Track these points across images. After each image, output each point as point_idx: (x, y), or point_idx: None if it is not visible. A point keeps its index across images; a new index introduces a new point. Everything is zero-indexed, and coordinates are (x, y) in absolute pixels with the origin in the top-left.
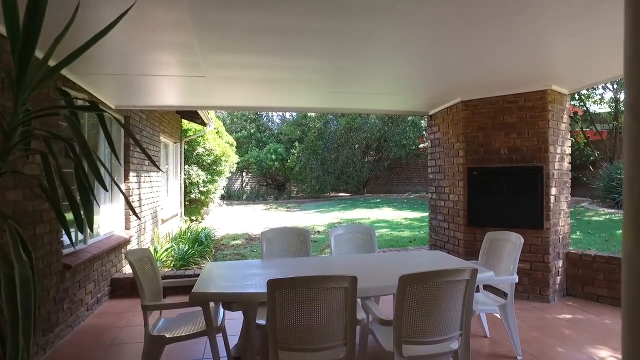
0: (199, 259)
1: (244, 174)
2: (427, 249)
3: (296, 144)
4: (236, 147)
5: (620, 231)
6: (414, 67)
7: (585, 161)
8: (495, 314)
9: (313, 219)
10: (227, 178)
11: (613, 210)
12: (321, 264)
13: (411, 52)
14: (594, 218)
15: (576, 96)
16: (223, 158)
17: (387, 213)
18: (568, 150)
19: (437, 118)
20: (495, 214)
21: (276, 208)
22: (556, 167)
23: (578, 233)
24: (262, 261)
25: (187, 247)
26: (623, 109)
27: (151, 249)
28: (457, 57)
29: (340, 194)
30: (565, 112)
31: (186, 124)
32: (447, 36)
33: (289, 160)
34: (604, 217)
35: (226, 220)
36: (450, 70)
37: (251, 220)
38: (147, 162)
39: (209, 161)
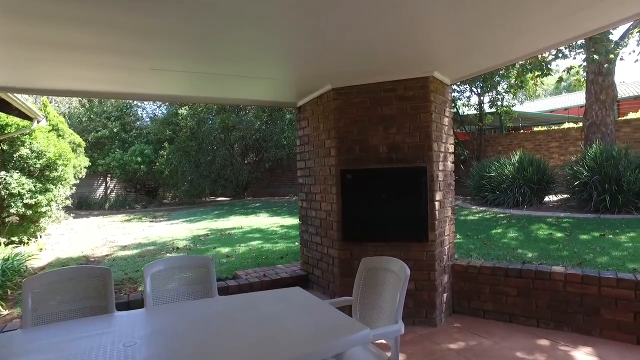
0: None
1: (108, 179)
2: (299, 269)
3: (166, 144)
4: (97, 148)
5: (495, 231)
6: (273, 35)
7: (456, 160)
8: None
9: (177, 230)
10: (79, 185)
11: (484, 208)
12: (116, 334)
13: (262, 12)
14: (469, 217)
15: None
16: (60, 162)
17: (264, 220)
18: (451, 148)
19: (305, 110)
20: (375, 225)
21: (140, 218)
22: (440, 167)
23: (458, 236)
24: (23, 332)
25: None
26: (487, 111)
27: None
28: (323, 28)
29: (221, 199)
30: (447, 105)
31: (4, 117)
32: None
33: (157, 163)
34: (477, 215)
35: (70, 238)
36: (317, 47)
37: (102, 236)
38: None
39: (38, 166)
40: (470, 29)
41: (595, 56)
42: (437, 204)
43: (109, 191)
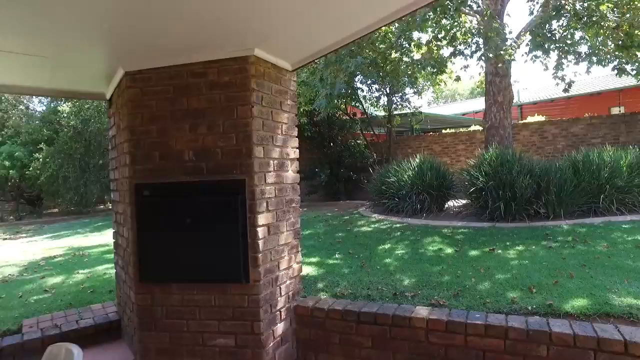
0: None
1: None
2: (114, 311)
3: (43, 146)
4: None
5: (382, 247)
6: None
7: (365, 163)
8: None
9: (28, 250)
10: None
11: (383, 217)
12: None
13: None
14: (363, 229)
15: (358, 98)
16: None
17: None
18: (294, 154)
19: (113, 104)
20: (182, 260)
21: None
22: (270, 179)
23: (337, 255)
24: None
25: None
26: (395, 113)
27: None
28: None
29: None
30: (289, 97)
31: None
32: None
33: (31, 167)
34: (373, 226)
35: None
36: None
37: None
38: None
39: None
40: None
41: (490, 54)
42: (261, 230)
43: None
